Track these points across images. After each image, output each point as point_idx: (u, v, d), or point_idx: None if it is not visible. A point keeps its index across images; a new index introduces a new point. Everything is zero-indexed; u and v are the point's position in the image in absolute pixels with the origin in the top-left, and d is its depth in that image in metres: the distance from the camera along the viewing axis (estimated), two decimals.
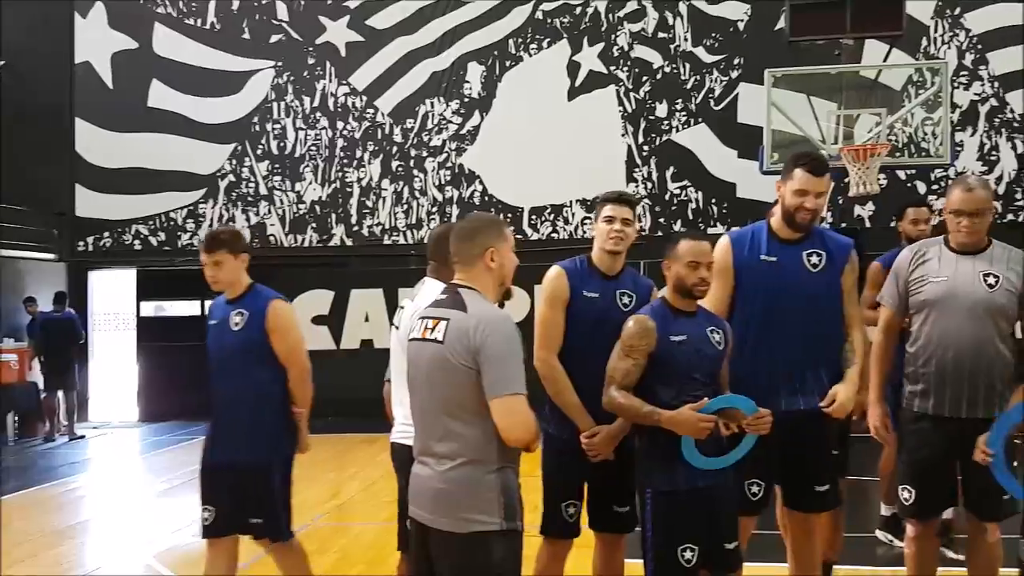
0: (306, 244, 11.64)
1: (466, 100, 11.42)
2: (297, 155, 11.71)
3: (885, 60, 9.62)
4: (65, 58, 12.10)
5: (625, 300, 3.48)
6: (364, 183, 11.58)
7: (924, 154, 7.96)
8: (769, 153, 7.57)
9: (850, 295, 3.44)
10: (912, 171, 9.87)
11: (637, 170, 11.09)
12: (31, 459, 9.51)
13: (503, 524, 2.58)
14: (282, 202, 11.72)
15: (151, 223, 11.96)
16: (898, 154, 7.85)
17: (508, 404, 2.55)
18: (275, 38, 11.77)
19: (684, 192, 11.01)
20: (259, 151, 11.78)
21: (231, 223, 11.71)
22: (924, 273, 3.47)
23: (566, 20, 11.29)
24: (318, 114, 11.68)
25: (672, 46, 11.10)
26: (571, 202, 11.08)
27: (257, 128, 11.76)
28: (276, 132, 11.74)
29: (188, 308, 11.44)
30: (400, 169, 11.53)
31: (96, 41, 12.07)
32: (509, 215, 11.15)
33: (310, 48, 11.69)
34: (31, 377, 10.94)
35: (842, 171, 7.27)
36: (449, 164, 11.44)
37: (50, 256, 12.05)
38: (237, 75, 11.78)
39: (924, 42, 10.45)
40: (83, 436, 10.65)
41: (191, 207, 11.80)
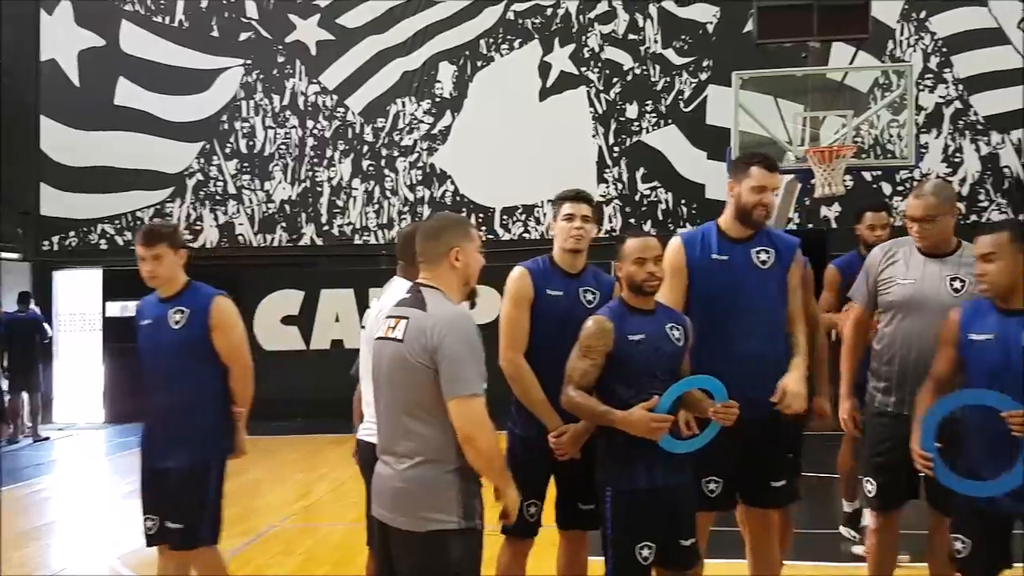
0: (275, 244, 11.56)
1: (437, 100, 11.41)
2: (266, 154, 11.63)
3: (851, 63, 9.76)
4: (31, 56, 11.93)
5: (589, 297, 3.51)
6: (334, 182, 11.53)
7: (889, 156, 8.06)
8: (737, 154, 7.63)
9: (795, 292, 3.50)
10: (878, 172, 10.00)
11: (608, 171, 11.14)
12: None
13: (462, 523, 2.59)
14: (251, 201, 11.63)
15: (117, 222, 11.82)
16: (864, 156, 7.94)
17: (464, 405, 2.56)
18: (244, 36, 11.68)
19: (654, 193, 11.07)
20: (228, 150, 11.68)
21: (199, 222, 11.63)
22: (892, 274, 3.54)
23: (537, 21, 11.32)
24: (288, 113, 11.61)
25: (642, 48, 11.16)
26: (543, 202, 11.11)
27: (226, 126, 11.67)
28: (245, 131, 11.66)
29: None
30: (371, 169, 11.49)
31: (62, 38, 11.91)
32: (481, 215, 11.15)
33: (280, 46, 11.62)
34: None
35: (808, 172, 7.35)
36: (420, 164, 11.42)
37: (14, 256, 11.87)
38: (205, 73, 11.68)
39: (890, 45, 10.60)
40: (47, 437, 10.50)
41: (158, 206, 11.68)
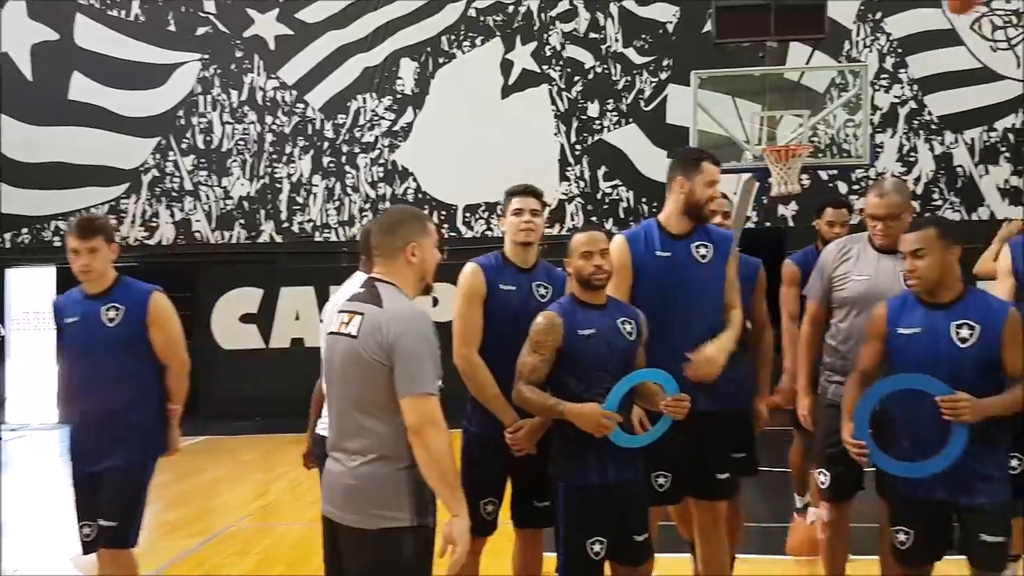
0: (234, 241, 11.41)
1: (399, 96, 11.35)
2: (224, 150, 11.47)
3: (808, 63, 9.87)
4: None
5: (542, 291, 3.53)
6: (294, 179, 11.41)
7: (845, 155, 8.16)
8: None
9: (732, 284, 3.58)
10: (834, 171, 10.13)
11: (570, 169, 11.16)
12: None
13: (414, 520, 2.57)
14: (208, 198, 11.47)
15: (71, 219, 11.56)
16: (820, 155, 8.03)
17: (417, 403, 2.53)
18: (201, 30, 11.52)
19: (615, 191, 11.12)
20: (184, 145, 11.51)
21: (155, 219, 11.45)
22: (847, 270, 3.63)
23: (499, 18, 11.30)
24: (246, 108, 11.46)
25: (603, 47, 11.19)
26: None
27: (182, 122, 11.49)
28: (202, 126, 11.49)
29: None
30: (331, 165, 11.40)
31: (15, 32, 11.63)
32: (443, 213, 11.12)
33: (237, 41, 11.47)
34: None
35: (765, 171, 7.42)
36: (382, 161, 11.35)
37: None
38: (162, 68, 11.49)
39: (846, 45, 10.74)
40: None
41: (113, 203, 11.46)
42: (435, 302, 7.32)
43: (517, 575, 3.69)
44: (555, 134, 11.19)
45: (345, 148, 11.38)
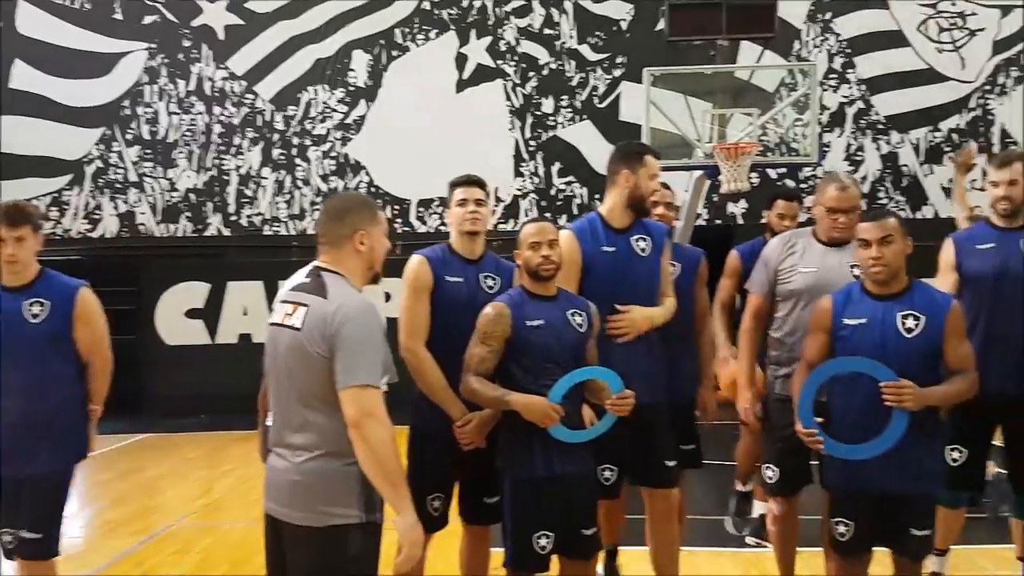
0: (179, 234, 11.16)
1: (351, 89, 11.21)
2: (170, 141, 11.21)
3: (758, 62, 9.98)
4: None
5: (489, 283, 3.50)
6: (243, 171, 11.19)
7: (794, 154, 8.24)
8: None
9: (666, 275, 3.68)
10: (783, 170, 10.24)
11: (524, 164, 11.14)
12: None
13: (363, 517, 2.51)
14: (153, 190, 11.21)
15: None
16: (769, 153, 8.12)
17: (357, 394, 2.45)
18: (149, 19, 11.24)
19: (570, 187, 11.12)
20: (129, 136, 11.23)
21: (98, 211, 11.16)
22: (794, 263, 3.67)
23: (453, 12, 11.22)
24: (194, 98, 11.22)
25: (558, 43, 11.19)
26: None
27: (128, 112, 11.21)
28: (148, 116, 11.23)
29: None
30: (281, 158, 11.22)
31: None
32: (396, 207, 11.02)
33: (186, 30, 11.22)
34: None
35: (715, 169, 7.48)
36: (334, 154, 11.21)
37: None
38: (107, 56, 11.19)
39: (796, 45, 10.88)
40: None
41: (55, 194, 11.13)
42: (387, 297, 7.26)
43: (464, 573, 3.66)
44: (510, 129, 11.16)
45: (296, 140, 11.21)
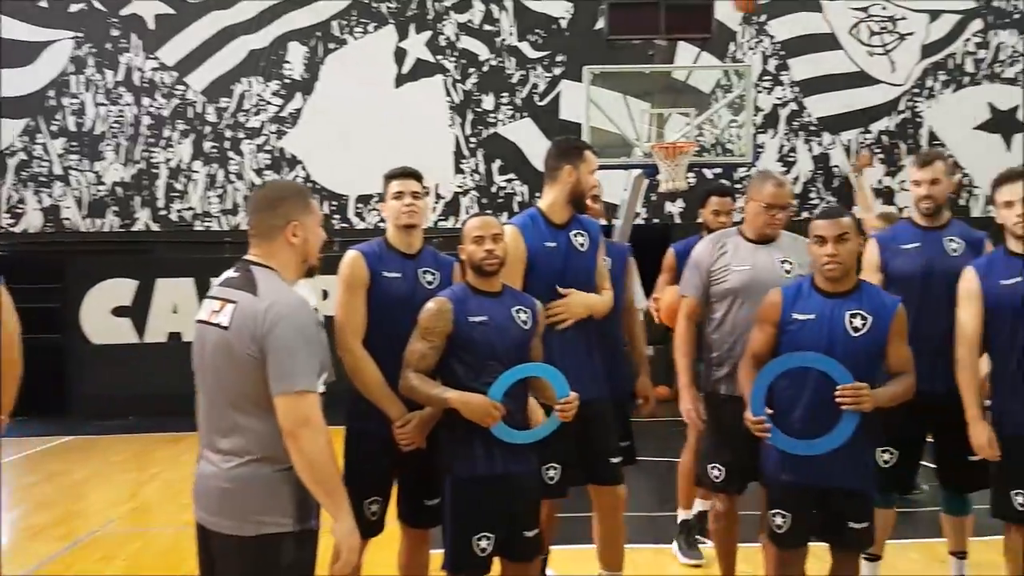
0: (106, 229, 10.78)
1: (287, 81, 10.98)
2: (97, 132, 10.83)
3: (695, 63, 10.10)
4: None
5: (428, 278, 3.43)
6: (173, 165, 10.87)
7: (729, 154, 8.37)
8: None
9: (602, 270, 3.71)
10: (718, 170, 10.37)
11: (464, 161, 11.07)
12: None
13: (296, 525, 2.40)
14: (79, 183, 10.81)
15: None
16: (705, 154, 8.22)
17: (292, 402, 2.33)
18: (75, 7, 10.83)
19: (510, 185, 11.09)
20: (54, 127, 10.81)
21: (21, 205, 10.73)
22: (727, 263, 3.68)
23: (392, 6, 11.08)
24: (122, 89, 10.85)
25: (498, 39, 11.14)
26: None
27: (53, 103, 10.79)
28: (74, 107, 10.83)
29: None
30: (214, 151, 10.93)
31: None
32: (334, 203, 10.85)
33: (114, 19, 10.84)
34: None
35: (653, 168, 7.54)
36: (268, 147, 10.97)
37: None
38: (31, 45, 10.75)
39: (732, 47, 11.03)
40: None
41: None
42: (325, 295, 7.13)
43: None
44: (450, 126, 11.07)
45: (229, 133, 10.94)
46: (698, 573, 4.55)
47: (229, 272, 2.56)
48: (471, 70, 11.11)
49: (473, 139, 11.10)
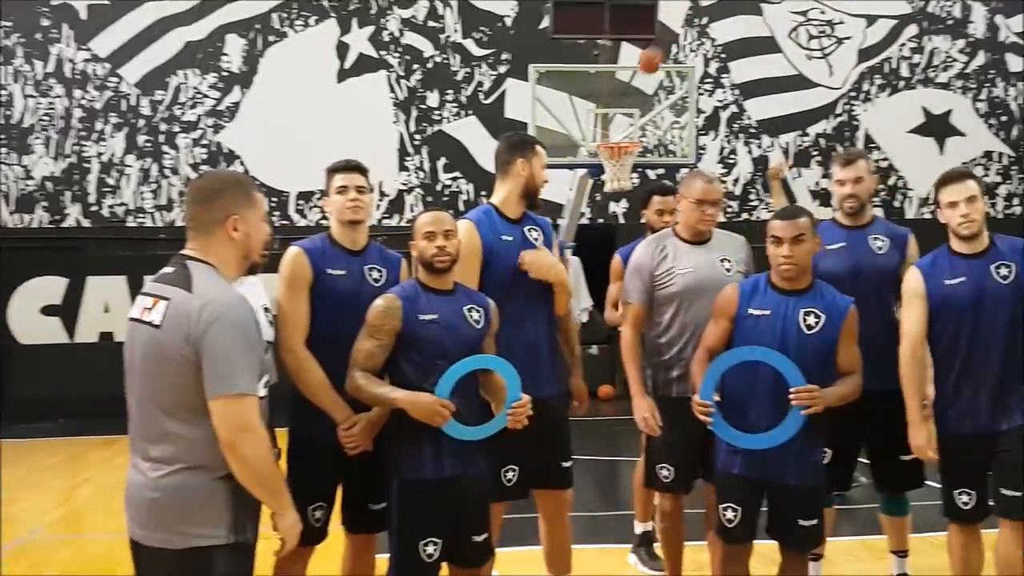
0: (35, 225, 10.41)
1: (225, 74, 10.74)
2: (26, 125, 10.44)
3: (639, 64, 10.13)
4: None
5: (375, 275, 3.34)
6: (105, 159, 10.54)
7: (672, 155, 8.44)
8: None
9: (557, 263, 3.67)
10: (661, 171, 10.46)
11: (409, 159, 10.96)
12: None
13: (230, 537, 2.29)
14: (7, 178, 10.39)
15: None
16: (649, 154, 8.27)
17: (229, 406, 2.22)
18: None
19: (456, 183, 11.02)
20: None
21: None
22: (670, 267, 3.69)
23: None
24: (52, 81, 10.48)
25: (442, 36, 11.06)
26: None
27: None
28: (2, 99, 10.42)
29: None
30: (148, 145, 10.63)
31: None
32: (274, 199, 10.64)
33: (44, 8, 10.46)
34: None
35: (598, 168, 7.56)
36: (205, 141, 10.71)
37: None
38: None
39: (675, 49, 11.13)
40: None
41: None
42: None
43: None
44: (394, 122, 10.95)
45: (164, 127, 10.65)
46: (648, 574, 4.54)
47: (166, 268, 2.43)
48: (415, 66, 11.01)
49: (418, 136, 11.00)
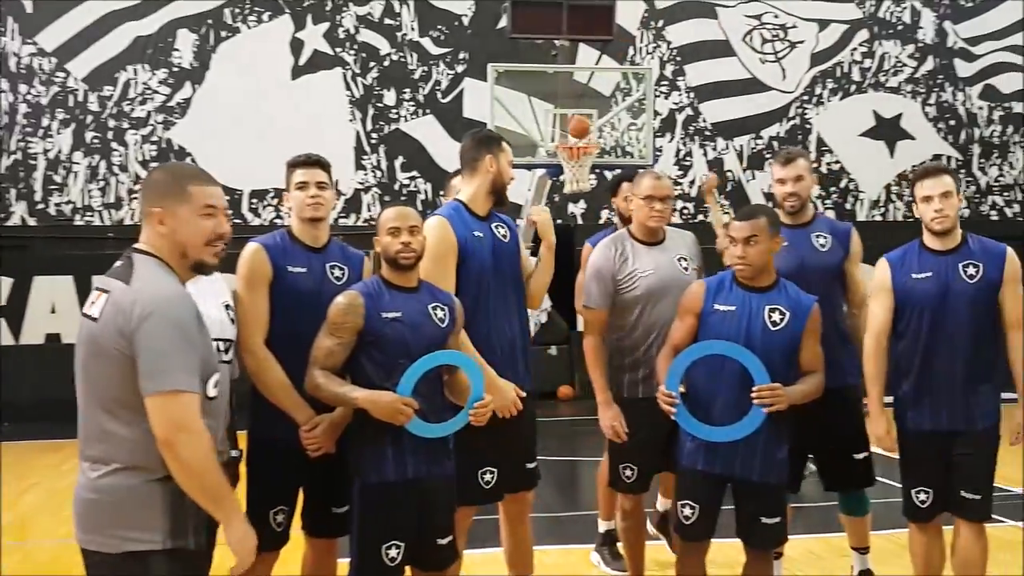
0: None
1: (175, 70, 10.53)
2: None
3: (596, 65, 10.20)
4: None
5: (337, 273, 3.27)
6: (51, 155, 10.27)
7: (629, 156, 8.48)
8: None
9: (525, 262, 3.69)
10: (618, 172, 10.50)
11: (366, 157, 10.86)
12: None
13: (168, 542, 2.19)
14: None
15: None
16: (607, 155, 8.30)
17: (165, 403, 2.13)
18: None
19: (413, 183, 10.95)
20: None
21: None
22: (632, 270, 3.68)
23: None
24: None
25: (399, 34, 10.98)
26: None
27: None
28: None
29: None
30: (96, 141, 10.38)
31: None
32: (227, 198, 10.40)
33: None
34: None
35: (557, 169, 7.55)
36: (155, 138, 10.49)
37: None
38: None
39: (631, 51, 11.19)
40: None
41: None
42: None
43: None
44: (350, 120, 10.84)
45: (112, 123, 10.41)
46: (611, 573, 4.53)
47: (118, 260, 2.35)
48: (372, 64, 10.91)
49: (375, 135, 10.90)
